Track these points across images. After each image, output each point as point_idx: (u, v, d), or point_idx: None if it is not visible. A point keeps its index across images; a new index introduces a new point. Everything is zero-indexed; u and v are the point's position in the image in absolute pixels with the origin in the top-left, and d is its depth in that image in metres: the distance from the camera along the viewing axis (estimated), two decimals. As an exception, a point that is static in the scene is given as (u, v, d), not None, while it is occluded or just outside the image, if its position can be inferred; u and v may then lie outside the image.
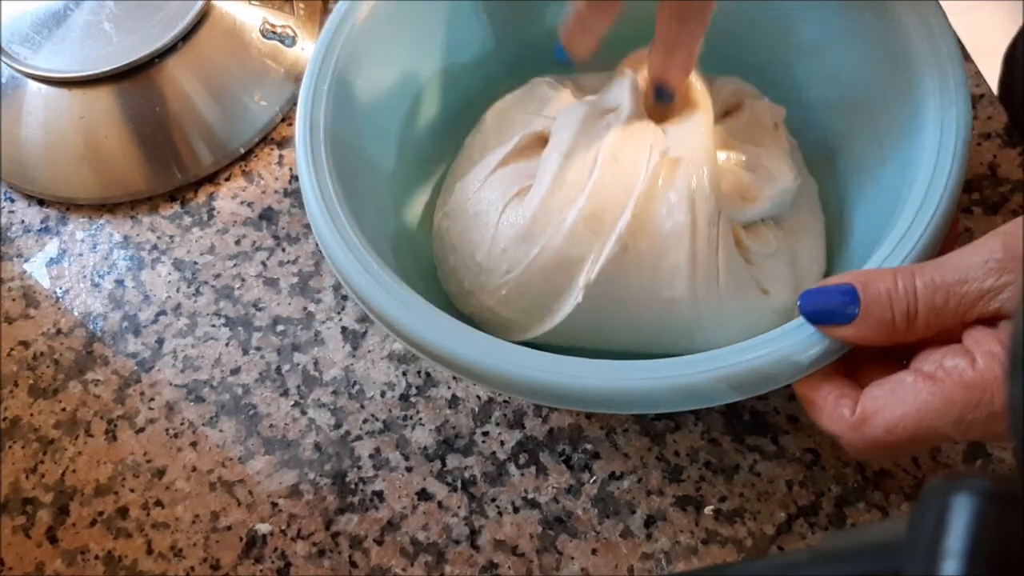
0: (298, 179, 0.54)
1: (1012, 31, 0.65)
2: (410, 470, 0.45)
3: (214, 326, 0.50)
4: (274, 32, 0.56)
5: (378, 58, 0.45)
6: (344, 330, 0.49)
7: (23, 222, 0.54)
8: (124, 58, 0.53)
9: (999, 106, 0.51)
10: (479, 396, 0.47)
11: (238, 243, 0.52)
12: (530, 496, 0.44)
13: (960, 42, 0.52)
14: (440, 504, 0.44)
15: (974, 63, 0.52)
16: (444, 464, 0.45)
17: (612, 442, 0.45)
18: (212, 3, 0.55)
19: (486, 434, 0.46)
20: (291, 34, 0.56)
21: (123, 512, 0.46)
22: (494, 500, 0.44)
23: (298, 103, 0.42)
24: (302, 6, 0.58)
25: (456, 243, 0.45)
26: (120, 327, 0.50)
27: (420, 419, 0.46)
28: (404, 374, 0.47)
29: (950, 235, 0.38)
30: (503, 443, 0.45)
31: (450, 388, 0.47)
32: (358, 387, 0.47)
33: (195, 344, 0.49)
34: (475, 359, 0.36)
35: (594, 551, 0.43)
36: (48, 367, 0.50)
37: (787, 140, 0.46)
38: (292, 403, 0.47)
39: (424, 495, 0.45)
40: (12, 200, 0.55)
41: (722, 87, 0.46)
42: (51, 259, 0.53)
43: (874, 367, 0.35)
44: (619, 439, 0.45)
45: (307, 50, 0.57)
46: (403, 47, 0.46)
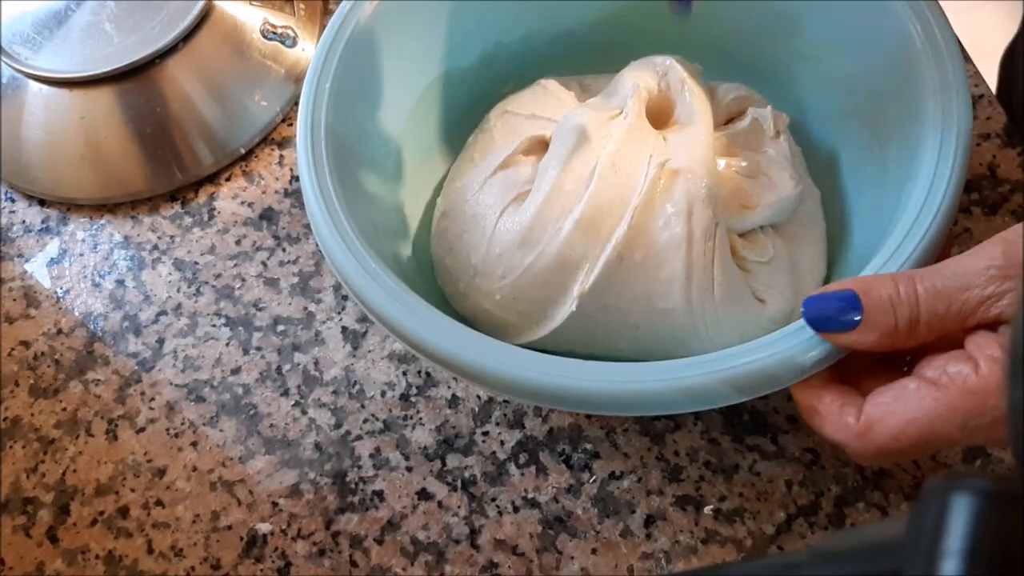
0: (299, 179, 0.54)
1: (1012, 31, 0.65)
2: (410, 470, 0.45)
3: (215, 326, 0.50)
4: (275, 33, 0.56)
5: (381, 58, 0.45)
6: (344, 330, 0.49)
7: (24, 222, 0.54)
8: (125, 58, 0.53)
9: (998, 106, 0.51)
10: (479, 396, 0.47)
11: (238, 243, 0.52)
12: (530, 496, 0.44)
13: (961, 45, 0.52)
14: (440, 504, 0.44)
15: (973, 63, 0.52)
16: (444, 464, 0.45)
17: (612, 442, 0.45)
18: (213, 4, 0.55)
19: (486, 434, 0.46)
20: (292, 35, 0.56)
21: (124, 512, 0.46)
22: (494, 500, 0.44)
23: (300, 102, 0.42)
24: (303, 7, 0.58)
25: (453, 244, 0.45)
26: (121, 327, 0.50)
27: (420, 419, 0.46)
28: (404, 374, 0.47)
29: (948, 237, 0.38)
30: (503, 443, 0.46)
31: (450, 388, 0.47)
32: (358, 387, 0.47)
33: (196, 344, 0.49)
34: (475, 361, 0.36)
35: (594, 551, 0.43)
36: (49, 367, 0.50)
37: (790, 147, 0.45)
38: (292, 403, 0.47)
39: (424, 495, 0.45)
40: (13, 200, 0.55)
41: (725, 94, 0.46)
42: (52, 259, 0.53)
43: (874, 374, 0.35)
44: (619, 439, 0.45)
45: (307, 51, 0.57)
46: (406, 47, 0.46)
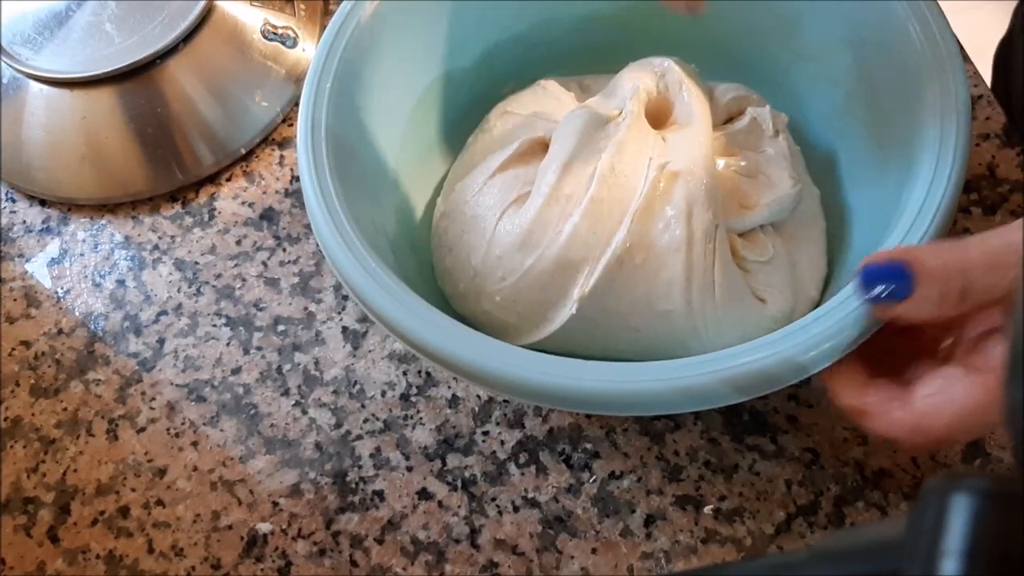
0: (299, 179, 0.54)
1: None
2: (410, 469, 0.45)
3: (215, 326, 0.50)
4: (275, 33, 0.56)
5: (381, 58, 0.45)
6: (345, 330, 0.49)
7: (24, 222, 0.54)
8: (125, 59, 0.53)
9: (998, 106, 0.51)
10: (479, 396, 0.47)
11: (239, 243, 0.52)
12: (530, 495, 0.44)
13: (959, 43, 0.52)
14: (440, 503, 0.45)
15: (972, 63, 0.52)
16: (444, 463, 0.45)
17: (612, 442, 0.45)
18: (213, 4, 0.55)
19: (486, 433, 0.46)
20: (292, 35, 0.57)
21: (124, 511, 0.46)
22: (494, 499, 0.44)
23: (300, 102, 0.42)
24: (303, 7, 0.58)
25: (453, 245, 0.45)
26: (121, 327, 0.50)
27: (420, 419, 0.46)
28: (404, 374, 0.48)
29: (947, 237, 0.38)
30: (503, 443, 0.46)
31: (450, 388, 0.47)
32: (359, 387, 0.47)
33: (196, 344, 0.49)
34: (476, 361, 0.36)
35: (594, 550, 0.43)
36: (49, 367, 0.50)
37: (789, 147, 0.45)
38: (293, 403, 0.47)
39: (424, 494, 0.45)
40: (14, 200, 0.55)
41: (724, 94, 0.46)
42: (52, 259, 0.53)
43: (904, 351, 0.36)
44: (619, 439, 0.45)
45: (308, 51, 0.57)
46: (407, 47, 0.46)
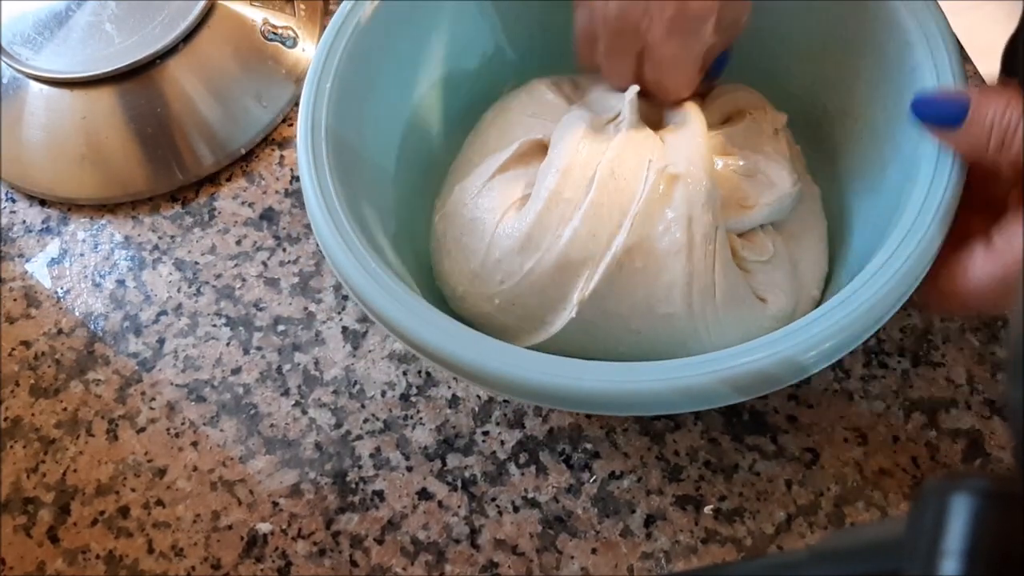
0: (299, 179, 0.54)
1: (1012, 31, 0.65)
2: (410, 469, 0.45)
3: (215, 326, 0.50)
4: (275, 33, 0.56)
5: (381, 58, 0.45)
6: (345, 330, 0.49)
7: (24, 222, 0.54)
8: (126, 59, 0.53)
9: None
10: (479, 396, 0.47)
11: (239, 243, 0.52)
12: (530, 495, 0.44)
13: (959, 43, 0.52)
14: (440, 503, 0.45)
15: (973, 63, 0.52)
16: (444, 463, 0.45)
17: (612, 442, 0.45)
18: (213, 4, 0.55)
19: (486, 434, 0.46)
20: (292, 35, 0.57)
21: (124, 511, 0.46)
22: (494, 499, 0.44)
23: (300, 102, 0.42)
24: (303, 7, 0.58)
25: (452, 247, 0.44)
26: (121, 327, 0.50)
27: (420, 419, 0.46)
28: (404, 374, 0.48)
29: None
30: (503, 443, 0.46)
31: (450, 388, 0.47)
32: (359, 387, 0.47)
33: (196, 344, 0.49)
34: (475, 361, 0.36)
35: (594, 550, 0.43)
36: (49, 367, 0.50)
37: (788, 146, 0.45)
38: (293, 403, 0.47)
39: (424, 494, 0.45)
40: (13, 200, 0.55)
41: (722, 93, 0.46)
42: (52, 259, 0.53)
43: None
44: (619, 439, 0.45)
45: (308, 51, 0.57)
46: (406, 48, 0.46)
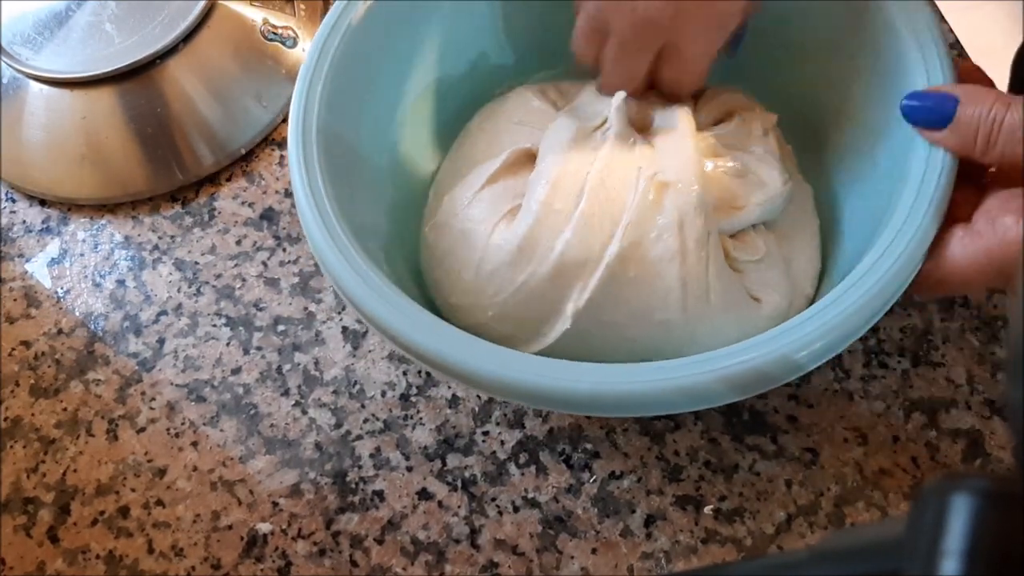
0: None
1: (1012, 31, 0.65)
2: (410, 469, 0.45)
3: (215, 326, 0.50)
4: (275, 33, 0.56)
5: (373, 59, 0.45)
6: (345, 330, 0.49)
7: (24, 222, 0.54)
8: (126, 59, 0.53)
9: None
10: (479, 396, 0.47)
11: (239, 243, 0.52)
12: (530, 495, 0.44)
13: (958, 41, 0.52)
14: (440, 503, 0.45)
15: (972, 63, 0.52)
16: (444, 464, 0.45)
17: (612, 442, 0.45)
18: (213, 4, 0.55)
19: (486, 434, 0.46)
20: (292, 35, 0.57)
21: (124, 511, 0.46)
22: (494, 499, 0.44)
23: (291, 102, 0.42)
24: (303, 7, 0.58)
25: (443, 258, 0.44)
26: (121, 327, 0.50)
27: (420, 419, 0.46)
28: (404, 374, 0.48)
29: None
30: (503, 443, 0.46)
31: (450, 388, 0.47)
32: (359, 387, 0.47)
33: (196, 344, 0.49)
34: (471, 364, 0.36)
35: (594, 550, 0.43)
36: (49, 367, 0.50)
37: (779, 145, 0.45)
38: (293, 403, 0.47)
39: (424, 494, 0.45)
40: (14, 200, 0.55)
41: (713, 95, 0.46)
42: (52, 259, 0.53)
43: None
44: (619, 439, 0.45)
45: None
46: (399, 48, 0.46)
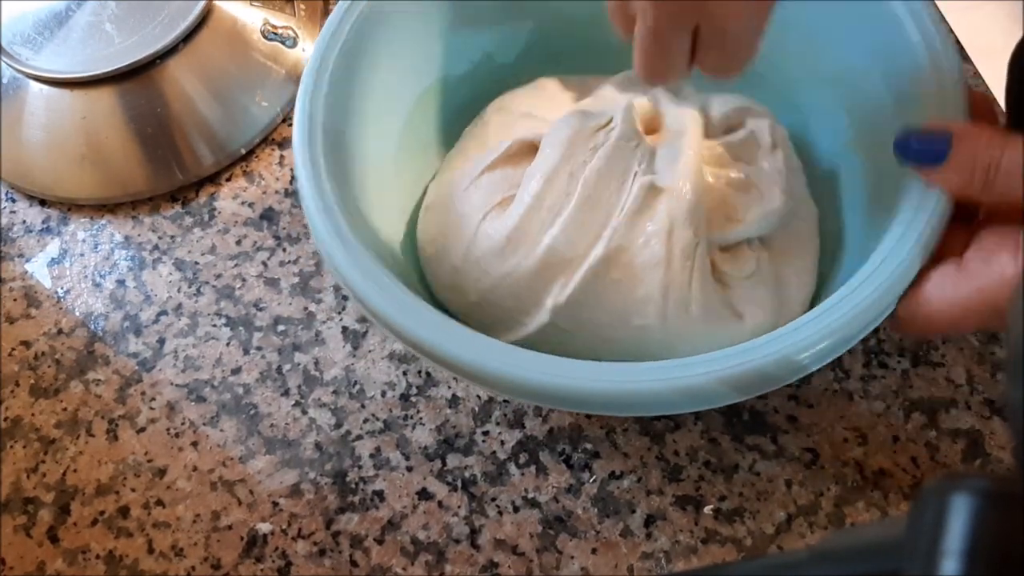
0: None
1: (1012, 31, 0.65)
2: (410, 469, 0.45)
3: (215, 326, 0.50)
4: (275, 33, 0.56)
5: (379, 56, 0.45)
6: (345, 330, 0.49)
7: (24, 222, 0.54)
8: (126, 59, 0.53)
9: (997, 106, 0.51)
10: (479, 396, 0.47)
11: (239, 243, 0.52)
12: (530, 495, 0.44)
13: (958, 41, 0.52)
14: (440, 503, 0.45)
15: (973, 64, 0.52)
16: (444, 463, 0.45)
17: (612, 442, 0.45)
18: (213, 4, 0.55)
19: (486, 434, 0.46)
20: (292, 35, 0.57)
21: (124, 511, 0.46)
22: (494, 499, 0.44)
23: (296, 100, 0.42)
24: (303, 7, 0.58)
25: (436, 238, 0.45)
26: (121, 327, 0.50)
27: (420, 419, 0.46)
28: (404, 374, 0.48)
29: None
30: (503, 443, 0.46)
31: (450, 388, 0.47)
32: (359, 387, 0.47)
33: (196, 344, 0.49)
34: (474, 361, 0.36)
35: (594, 550, 0.43)
36: (49, 367, 0.50)
37: (787, 161, 0.44)
38: (293, 403, 0.47)
39: (424, 494, 0.45)
40: (13, 200, 0.55)
41: (724, 105, 0.45)
42: (52, 259, 0.53)
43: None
44: (619, 439, 0.45)
45: (308, 51, 0.57)
46: (405, 46, 0.46)
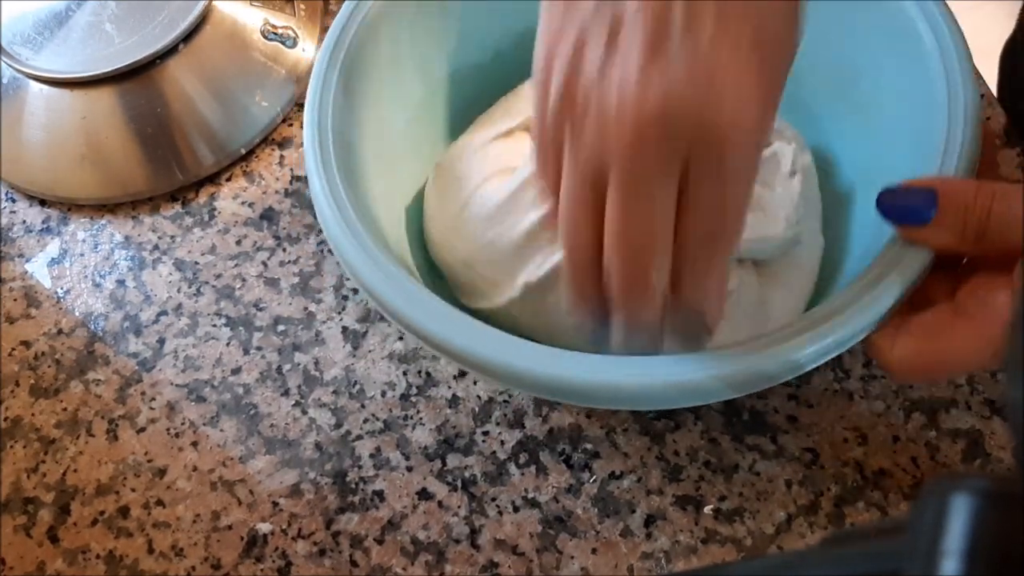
0: (299, 179, 0.54)
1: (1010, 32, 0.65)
2: (410, 469, 0.45)
3: (215, 326, 0.50)
4: (275, 33, 0.56)
5: (386, 56, 0.45)
6: (345, 330, 0.49)
7: (24, 222, 0.54)
8: (126, 59, 0.53)
9: (998, 107, 0.51)
10: (479, 396, 0.47)
11: (239, 243, 0.52)
12: (530, 495, 0.44)
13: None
14: (440, 503, 0.45)
15: (973, 63, 0.52)
16: (444, 463, 0.45)
17: (612, 441, 0.45)
18: (213, 4, 0.55)
19: (486, 433, 0.46)
20: (292, 35, 0.57)
21: (124, 511, 0.46)
22: (494, 499, 0.44)
23: (306, 97, 0.42)
24: (303, 7, 0.58)
25: (440, 192, 0.46)
26: (121, 327, 0.50)
27: (420, 419, 0.46)
28: (404, 374, 0.48)
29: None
30: (503, 442, 0.46)
31: (450, 388, 0.47)
32: (359, 387, 0.47)
33: (196, 344, 0.49)
34: (480, 353, 0.36)
35: (594, 550, 0.43)
36: (49, 367, 0.50)
37: (804, 190, 0.43)
38: (293, 403, 0.47)
39: (424, 494, 0.45)
40: (13, 200, 0.55)
41: None
42: (52, 259, 0.53)
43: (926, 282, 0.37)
44: (619, 438, 0.45)
45: (308, 51, 0.57)
46: (414, 45, 0.46)
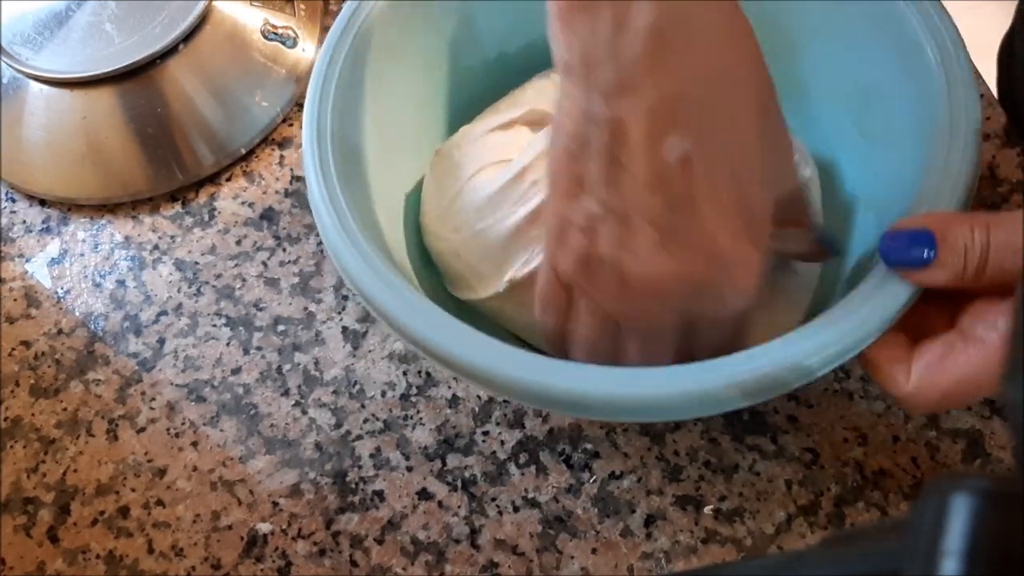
0: (299, 179, 0.54)
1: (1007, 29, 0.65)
2: (410, 469, 0.45)
3: (215, 326, 0.50)
4: (275, 33, 0.56)
5: (386, 58, 0.45)
6: (345, 330, 0.49)
7: (24, 222, 0.54)
8: (126, 59, 0.53)
9: (998, 107, 0.51)
10: (479, 396, 0.47)
11: (239, 243, 0.52)
12: (530, 495, 0.44)
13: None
14: (440, 503, 0.45)
15: (973, 63, 0.52)
16: (444, 463, 0.45)
17: (612, 442, 0.45)
18: (213, 4, 0.55)
19: (486, 433, 0.46)
20: (292, 35, 0.57)
21: (124, 511, 0.46)
22: (494, 499, 0.44)
23: (306, 99, 0.42)
24: (303, 7, 0.58)
25: (437, 180, 0.46)
26: (121, 327, 0.50)
27: (420, 419, 0.46)
28: (405, 374, 0.48)
29: None
30: (503, 443, 0.46)
31: (450, 388, 0.47)
32: (359, 387, 0.47)
33: (196, 344, 0.49)
34: (482, 364, 0.36)
35: (594, 550, 0.43)
36: (49, 367, 0.50)
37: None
38: (293, 403, 0.47)
39: (424, 494, 0.45)
40: (14, 200, 0.55)
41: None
42: (52, 259, 0.53)
43: (924, 312, 0.37)
44: (619, 439, 0.45)
45: (308, 51, 0.57)
46: (413, 46, 0.46)
